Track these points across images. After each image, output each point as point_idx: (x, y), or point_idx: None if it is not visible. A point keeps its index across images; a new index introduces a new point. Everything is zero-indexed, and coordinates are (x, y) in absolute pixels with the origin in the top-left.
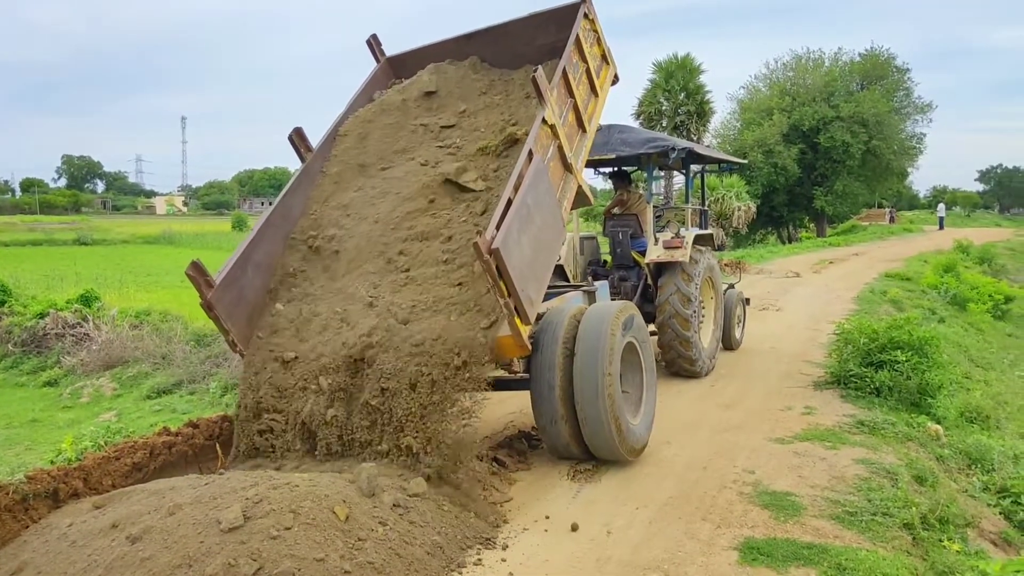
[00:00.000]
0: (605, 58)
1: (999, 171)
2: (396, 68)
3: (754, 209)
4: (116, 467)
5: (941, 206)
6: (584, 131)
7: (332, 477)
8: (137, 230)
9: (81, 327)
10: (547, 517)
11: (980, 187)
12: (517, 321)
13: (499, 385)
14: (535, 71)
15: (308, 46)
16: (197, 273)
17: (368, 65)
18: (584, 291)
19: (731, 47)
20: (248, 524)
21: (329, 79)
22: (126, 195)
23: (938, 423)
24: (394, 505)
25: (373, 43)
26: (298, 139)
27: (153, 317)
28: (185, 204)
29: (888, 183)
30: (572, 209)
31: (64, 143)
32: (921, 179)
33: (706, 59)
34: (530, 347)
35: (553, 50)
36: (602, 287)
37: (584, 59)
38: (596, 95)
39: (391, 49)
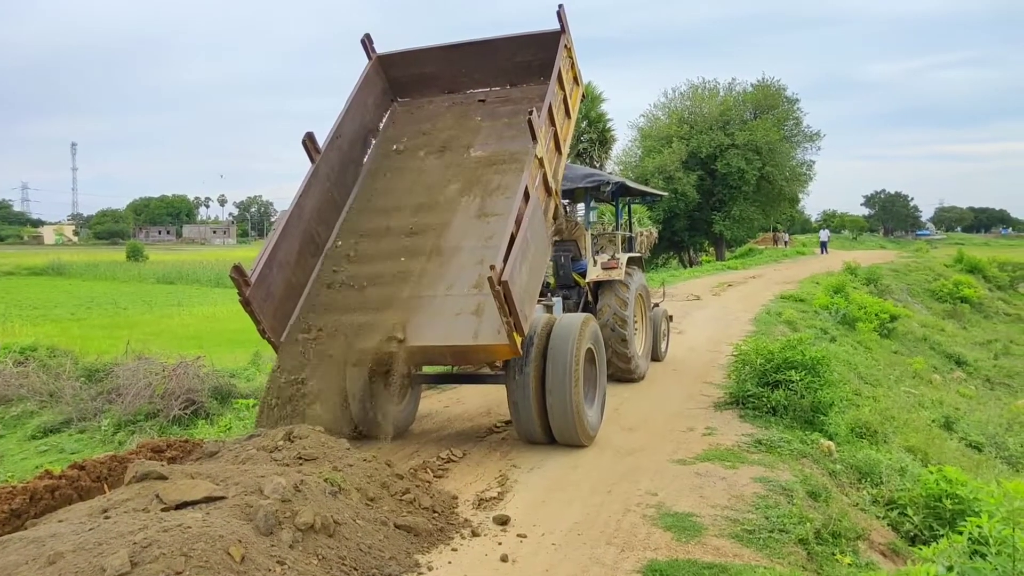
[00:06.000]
0: (576, 80)
1: (882, 196)
2: (386, 66)
3: (656, 234)
4: None
5: (824, 232)
6: (560, 153)
7: (229, 515)
8: (22, 261)
9: None
10: (453, 550)
11: (866, 211)
12: (515, 334)
13: (477, 379)
14: (530, 113)
15: (202, 71)
16: (239, 274)
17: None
18: (544, 305)
19: (631, 76)
20: (135, 570)
21: (225, 104)
22: (11, 224)
23: (830, 439)
24: (291, 544)
25: (366, 42)
26: (310, 143)
27: (40, 352)
28: (76, 233)
29: (781, 208)
30: None
31: None
32: (812, 204)
33: (607, 88)
34: (522, 352)
35: (528, 67)
36: (557, 302)
37: (562, 87)
38: (569, 117)
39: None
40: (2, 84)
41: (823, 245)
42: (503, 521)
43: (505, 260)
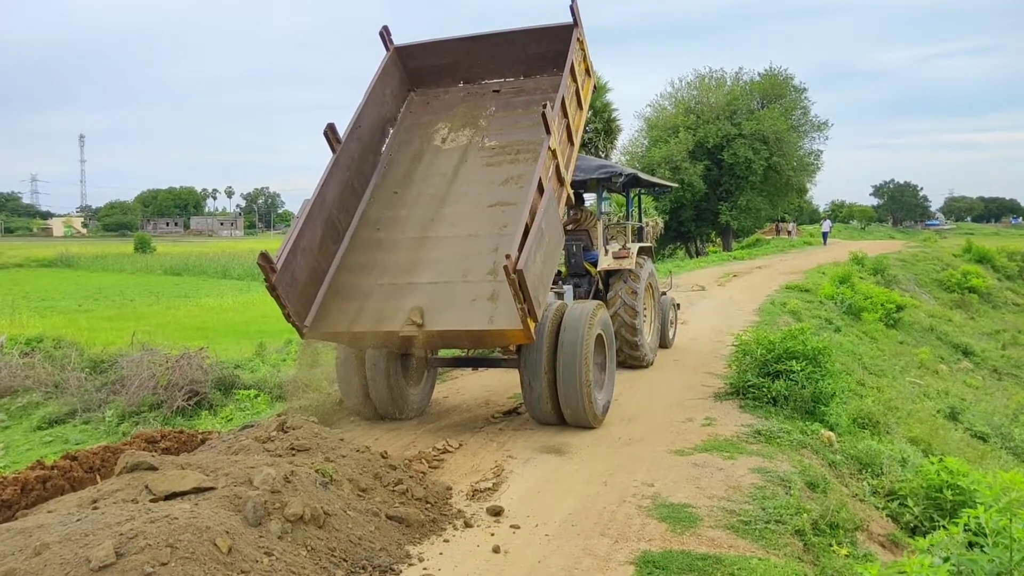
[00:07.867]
0: (588, 72)
1: (891, 186)
2: (403, 57)
3: (662, 224)
4: None
5: (826, 222)
6: (572, 144)
7: (217, 506)
8: (31, 253)
9: None
10: (445, 541)
11: (875, 201)
12: (529, 320)
13: (491, 363)
14: (544, 107)
15: (210, 64)
16: (265, 261)
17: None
18: (556, 292)
19: (637, 66)
20: (120, 561)
21: (232, 97)
22: (20, 217)
23: (831, 430)
24: (280, 536)
25: (384, 34)
26: (331, 134)
27: (46, 344)
28: (84, 225)
29: (789, 198)
30: None
31: None
32: (820, 194)
33: (612, 78)
34: (535, 337)
35: (542, 59)
36: (569, 290)
37: (575, 79)
38: (581, 108)
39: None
40: (10, 77)
41: (824, 235)
42: (497, 512)
43: (520, 249)
